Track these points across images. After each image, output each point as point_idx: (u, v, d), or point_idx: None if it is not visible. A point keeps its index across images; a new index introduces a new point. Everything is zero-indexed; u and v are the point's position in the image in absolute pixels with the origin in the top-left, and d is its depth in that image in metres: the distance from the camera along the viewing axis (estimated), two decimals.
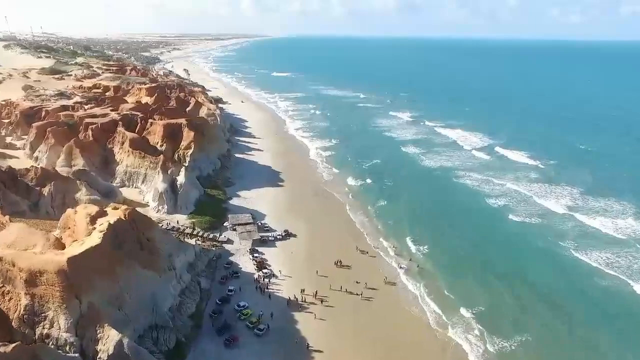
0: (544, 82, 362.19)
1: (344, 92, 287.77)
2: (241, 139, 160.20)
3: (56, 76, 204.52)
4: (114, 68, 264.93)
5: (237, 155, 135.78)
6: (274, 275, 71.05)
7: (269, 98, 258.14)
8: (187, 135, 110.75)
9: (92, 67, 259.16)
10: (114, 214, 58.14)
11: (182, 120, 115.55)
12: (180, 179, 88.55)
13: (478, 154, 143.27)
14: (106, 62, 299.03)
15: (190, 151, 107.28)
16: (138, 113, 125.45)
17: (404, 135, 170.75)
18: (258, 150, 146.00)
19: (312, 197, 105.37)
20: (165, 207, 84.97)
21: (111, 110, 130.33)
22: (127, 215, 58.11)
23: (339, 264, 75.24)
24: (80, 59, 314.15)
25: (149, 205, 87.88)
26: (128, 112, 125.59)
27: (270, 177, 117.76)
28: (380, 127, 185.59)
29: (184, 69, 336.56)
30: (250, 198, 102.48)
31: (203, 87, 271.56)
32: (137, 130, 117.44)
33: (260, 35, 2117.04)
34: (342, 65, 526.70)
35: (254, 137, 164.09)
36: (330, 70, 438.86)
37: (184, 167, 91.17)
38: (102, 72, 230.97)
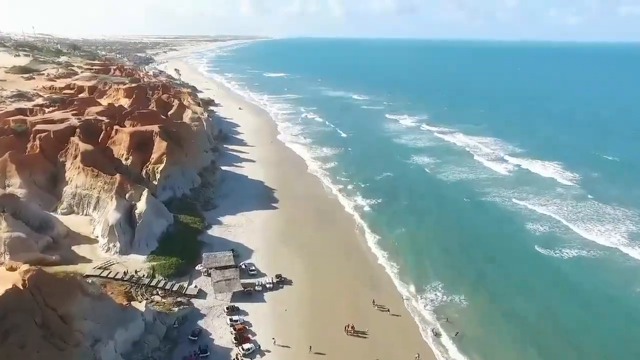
0: (548, 84, 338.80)
1: (343, 93, 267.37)
2: (231, 147, 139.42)
3: (26, 75, 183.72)
4: (97, 67, 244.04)
5: (223, 167, 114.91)
6: (259, 351, 50.25)
7: (264, 100, 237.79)
8: (159, 146, 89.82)
9: (73, 66, 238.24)
10: (5, 280, 37.37)
11: (154, 127, 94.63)
12: (140, 205, 67.63)
13: (494, 166, 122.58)
14: (90, 62, 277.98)
15: (161, 166, 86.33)
16: (103, 118, 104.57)
17: (411, 142, 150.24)
18: (249, 161, 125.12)
19: (312, 223, 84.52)
20: (117, 245, 63.95)
21: (74, 115, 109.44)
22: (27, 282, 37.35)
23: (350, 329, 54.32)
24: (63, 58, 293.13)
25: (98, 242, 66.85)
26: (92, 117, 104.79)
27: (261, 196, 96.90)
28: (385, 133, 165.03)
29: (175, 69, 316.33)
30: (235, 226, 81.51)
31: (194, 88, 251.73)
32: (100, 139, 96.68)
33: (260, 36, 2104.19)
34: (341, 66, 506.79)
35: (246, 145, 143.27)
36: (329, 71, 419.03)
37: (145, 191, 70.15)
38: (82, 72, 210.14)
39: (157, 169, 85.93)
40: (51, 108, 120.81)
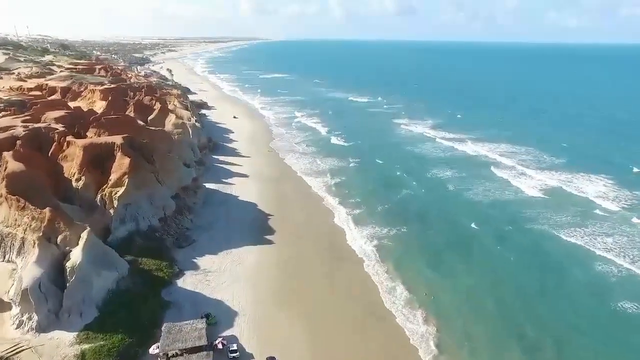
0: (556, 86, 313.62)
1: (344, 96, 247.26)
2: (221, 158, 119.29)
3: None
4: (81, 67, 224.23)
5: (209, 185, 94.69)
6: None
7: (261, 103, 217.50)
8: (120, 163, 69.59)
9: (54, 65, 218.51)
10: None
11: (117, 139, 74.32)
12: (75, 255, 47.35)
13: (522, 184, 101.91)
14: (76, 61, 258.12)
15: (121, 190, 66.03)
16: (58, 126, 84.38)
17: (426, 152, 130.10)
18: (241, 175, 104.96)
19: (317, 268, 64.12)
20: (34, 317, 43.58)
21: (25, 121, 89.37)
22: None
23: None
24: (48, 57, 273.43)
25: (11, 308, 46.47)
26: (42, 125, 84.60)
27: (253, 226, 76.61)
28: (392, 140, 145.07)
29: (167, 69, 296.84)
30: (217, 271, 61.29)
31: (187, 90, 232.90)
32: (50, 153, 76.70)
33: (260, 38, 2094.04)
34: (341, 67, 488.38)
35: (238, 156, 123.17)
36: (329, 73, 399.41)
37: (86, 231, 49.78)
38: (61, 71, 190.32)
39: (115, 193, 65.66)
40: (3, 113, 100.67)
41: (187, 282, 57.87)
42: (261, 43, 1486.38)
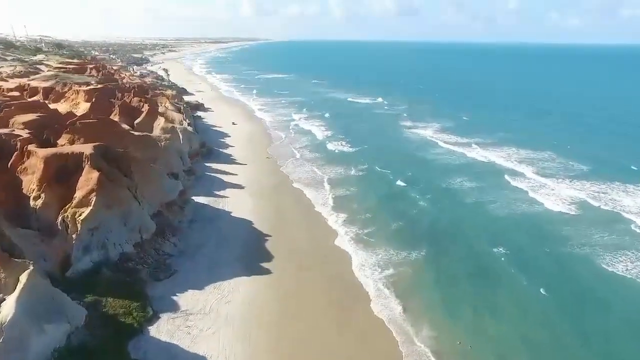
0: (563, 87, 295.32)
1: (345, 97, 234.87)
2: (214, 166, 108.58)
3: None
4: (72, 66, 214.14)
5: (198, 199, 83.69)
6: None
7: (260, 104, 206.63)
8: (87, 178, 58.63)
9: (43, 64, 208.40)
10: None
11: (86, 148, 63.43)
12: (6, 309, 36.46)
13: (546, 199, 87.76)
14: (68, 60, 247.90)
15: (87, 211, 55.21)
16: (22, 133, 73.67)
17: (434, 159, 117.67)
18: (236, 186, 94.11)
19: (321, 306, 52.94)
20: None
21: None
22: None
23: None
24: (39, 57, 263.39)
25: None
26: (4, 132, 73.74)
27: (246, 251, 65.52)
28: (401, 145, 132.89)
29: (164, 69, 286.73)
30: (200, 313, 50.27)
31: (184, 90, 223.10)
32: (10, 164, 65.88)
33: (260, 38, 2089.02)
34: (343, 67, 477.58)
35: (234, 163, 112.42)
36: (331, 72, 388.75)
37: (26, 273, 38.94)
38: (48, 71, 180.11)
39: (79, 215, 54.82)
40: None
41: (162, 329, 46.88)
42: (262, 43, 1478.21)
